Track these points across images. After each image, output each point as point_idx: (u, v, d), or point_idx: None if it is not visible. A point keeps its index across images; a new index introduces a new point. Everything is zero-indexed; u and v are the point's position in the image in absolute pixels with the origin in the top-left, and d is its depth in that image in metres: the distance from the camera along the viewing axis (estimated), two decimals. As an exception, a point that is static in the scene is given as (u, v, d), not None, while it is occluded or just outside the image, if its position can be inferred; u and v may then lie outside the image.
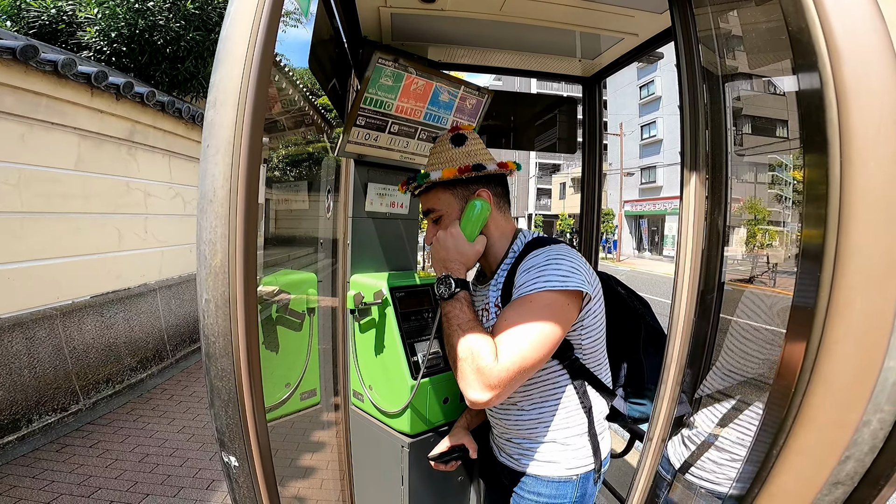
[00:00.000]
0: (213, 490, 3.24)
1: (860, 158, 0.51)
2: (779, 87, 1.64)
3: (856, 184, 0.51)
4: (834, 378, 0.53)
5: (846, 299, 0.52)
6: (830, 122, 0.53)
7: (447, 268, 1.27)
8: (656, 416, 1.14)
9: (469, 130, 1.40)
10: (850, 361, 0.52)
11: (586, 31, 1.84)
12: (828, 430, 0.54)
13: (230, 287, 0.63)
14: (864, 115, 0.51)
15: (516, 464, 1.37)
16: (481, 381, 1.06)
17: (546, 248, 1.21)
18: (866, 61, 0.53)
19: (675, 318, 1.09)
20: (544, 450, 1.31)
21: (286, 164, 10.42)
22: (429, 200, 1.37)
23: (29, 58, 3.75)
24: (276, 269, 1.91)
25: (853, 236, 0.51)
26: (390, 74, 1.72)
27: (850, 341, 0.52)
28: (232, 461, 0.76)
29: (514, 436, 1.37)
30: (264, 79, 0.71)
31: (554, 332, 1.10)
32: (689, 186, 1.11)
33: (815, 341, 0.54)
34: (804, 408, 0.55)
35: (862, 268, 0.51)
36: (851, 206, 0.51)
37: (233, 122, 0.68)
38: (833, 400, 0.53)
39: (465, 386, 1.09)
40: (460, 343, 1.13)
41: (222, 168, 0.64)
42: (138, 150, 5.41)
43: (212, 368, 0.67)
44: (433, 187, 1.35)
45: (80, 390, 4.34)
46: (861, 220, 0.51)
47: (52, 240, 4.28)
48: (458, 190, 1.33)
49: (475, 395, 1.07)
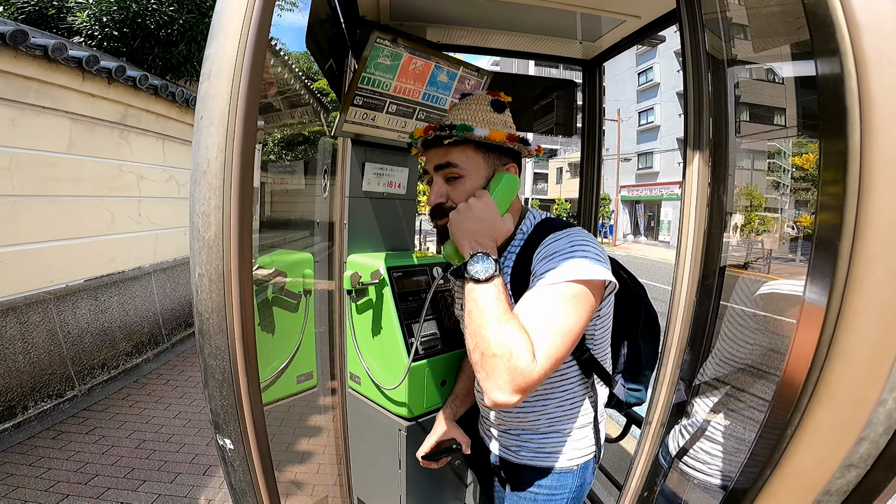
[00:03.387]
0: (210, 475, 3.25)
1: (883, 125, 0.50)
2: (786, 72, 1.61)
3: (878, 150, 0.50)
4: (853, 353, 0.51)
5: (867, 268, 0.50)
6: (850, 92, 0.51)
7: (480, 243, 1.09)
8: (655, 400, 1.13)
9: (507, 100, 1.29)
10: (870, 335, 0.51)
11: (588, 12, 1.81)
12: (845, 408, 0.53)
13: (224, 261, 0.61)
14: (884, 84, 0.50)
15: (514, 455, 1.33)
16: (514, 383, 0.93)
17: (566, 233, 1.13)
18: (886, 31, 0.52)
19: (676, 302, 1.08)
20: (546, 441, 1.28)
21: (282, 147, 10.36)
22: (453, 155, 1.20)
23: (19, 42, 3.71)
24: (272, 251, 1.89)
25: (875, 201, 0.50)
26: (388, 54, 1.69)
27: (871, 313, 0.50)
28: (227, 444, 0.75)
29: (512, 427, 1.32)
30: (260, 50, 0.69)
31: (581, 326, 1.02)
32: (692, 171, 1.10)
33: (833, 314, 0.52)
34: (820, 386, 0.53)
35: (883, 234, 0.50)
36: (873, 173, 0.50)
37: (227, 93, 0.65)
38: (851, 376, 0.52)
39: (493, 387, 0.95)
40: (495, 336, 0.96)
41: (216, 139, 0.62)
42: (131, 133, 5.35)
43: (205, 346, 0.65)
44: (463, 143, 1.20)
45: (76, 376, 4.33)
46: (883, 187, 0.50)
47: (45, 223, 4.24)
48: (491, 156, 1.22)
49: (502, 397, 0.94)
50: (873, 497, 0.53)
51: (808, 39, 0.59)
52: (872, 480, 0.53)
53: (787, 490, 0.56)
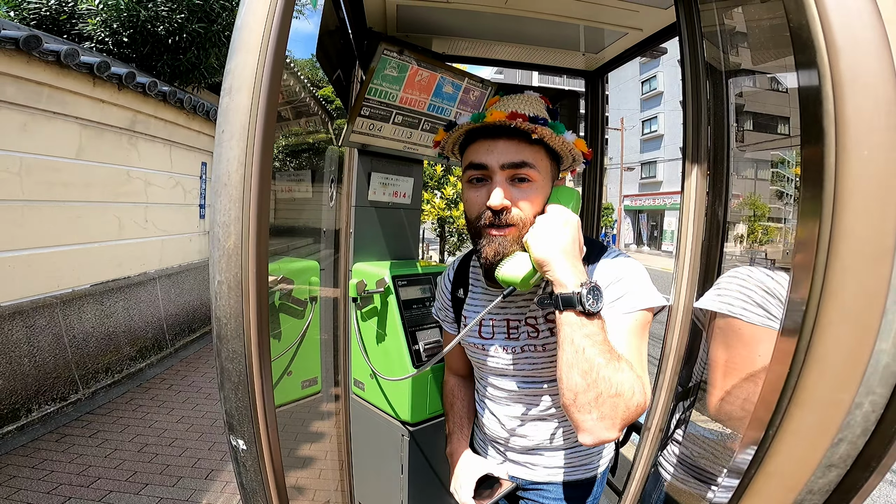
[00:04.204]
0: (212, 480, 3.26)
1: (854, 146, 0.53)
2: (781, 83, 1.64)
3: (850, 170, 0.53)
4: (828, 359, 0.55)
5: (840, 281, 0.54)
6: (827, 114, 0.55)
7: (579, 269, 0.96)
8: (654, 405, 1.15)
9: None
10: (844, 342, 0.54)
11: (591, 25, 1.84)
12: (822, 410, 0.56)
13: (242, 269, 0.64)
14: (858, 106, 0.54)
15: (526, 469, 1.27)
16: (625, 420, 0.88)
17: (613, 254, 1.10)
18: (862, 55, 0.55)
19: (675, 309, 1.10)
20: (562, 455, 1.24)
21: (287, 155, 10.41)
22: (529, 153, 1.04)
23: (32, 48, 3.75)
24: (278, 258, 1.91)
25: (847, 219, 0.53)
26: (395, 65, 1.72)
27: (844, 322, 0.54)
28: (240, 444, 0.77)
29: (529, 444, 1.25)
30: (278, 66, 0.72)
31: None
32: (690, 181, 1.12)
33: (809, 323, 0.56)
34: (799, 389, 0.57)
35: (855, 250, 0.53)
36: (845, 191, 0.53)
37: (248, 108, 0.68)
38: (827, 380, 0.55)
39: (607, 426, 0.88)
40: (616, 376, 0.89)
41: (237, 153, 0.65)
42: (139, 139, 5.41)
43: (223, 350, 0.68)
44: (537, 143, 1.04)
45: (80, 380, 4.36)
46: (854, 205, 0.53)
47: (53, 228, 4.29)
48: (553, 167, 1.11)
49: (611, 435, 0.89)
50: (853, 495, 0.56)
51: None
52: (852, 480, 0.56)
53: (770, 489, 0.60)
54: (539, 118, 1.01)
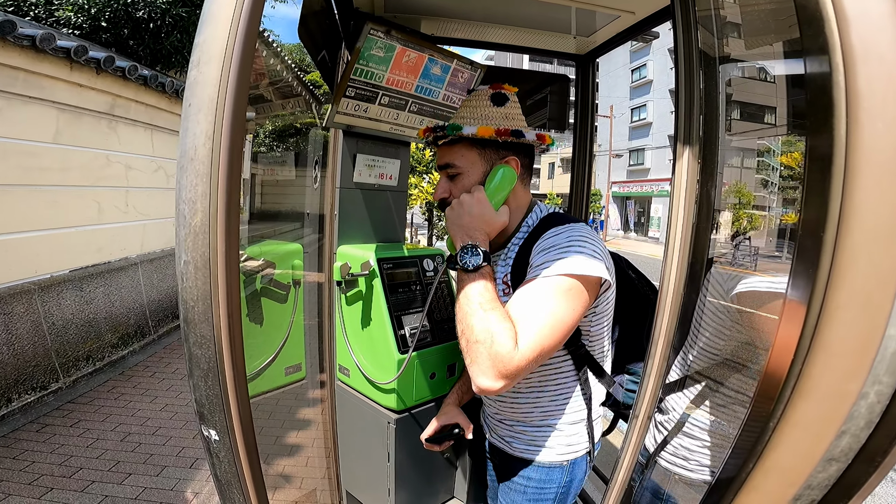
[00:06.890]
0: (197, 469, 3.23)
1: (868, 119, 0.50)
2: (777, 70, 1.62)
3: (863, 143, 0.50)
4: (835, 346, 0.52)
5: (850, 259, 0.50)
6: (837, 85, 0.51)
7: (470, 236, 1.14)
8: (643, 393, 1.14)
9: (511, 91, 1.30)
10: (853, 328, 0.51)
11: (582, 6, 1.80)
12: (827, 401, 0.53)
13: (210, 248, 0.60)
14: (871, 77, 0.50)
15: (507, 446, 1.35)
16: (496, 369, 0.97)
17: (567, 227, 1.14)
18: (874, 26, 0.52)
19: (664, 296, 1.08)
20: (537, 434, 1.29)
21: (272, 139, 10.28)
22: (451, 154, 1.26)
23: (6, 33, 3.66)
24: (261, 241, 1.87)
25: (859, 195, 0.50)
26: (382, 46, 1.67)
27: (853, 306, 0.50)
28: (212, 434, 0.74)
29: (507, 417, 1.35)
30: (251, 38, 0.68)
31: (572, 320, 1.04)
32: (681, 167, 1.10)
33: (815, 307, 0.52)
34: (803, 378, 0.53)
35: (867, 225, 0.50)
36: (858, 165, 0.50)
37: (216, 79, 0.64)
38: (833, 369, 0.52)
39: (478, 372, 0.99)
40: (479, 324, 1.00)
41: (204, 126, 0.61)
42: (119, 123, 5.28)
43: (190, 335, 0.64)
44: (459, 141, 1.24)
45: (60, 368, 4.28)
46: (867, 180, 0.50)
47: (30, 213, 4.18)
48: (487, 151, 1.24)
49: (486, 383, 0.98)
50: (854, 491, 0.53)
51: (798, 37, 0.60)
52: (853, 474, 0.53)
53: (769, 483, 0.57)
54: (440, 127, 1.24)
